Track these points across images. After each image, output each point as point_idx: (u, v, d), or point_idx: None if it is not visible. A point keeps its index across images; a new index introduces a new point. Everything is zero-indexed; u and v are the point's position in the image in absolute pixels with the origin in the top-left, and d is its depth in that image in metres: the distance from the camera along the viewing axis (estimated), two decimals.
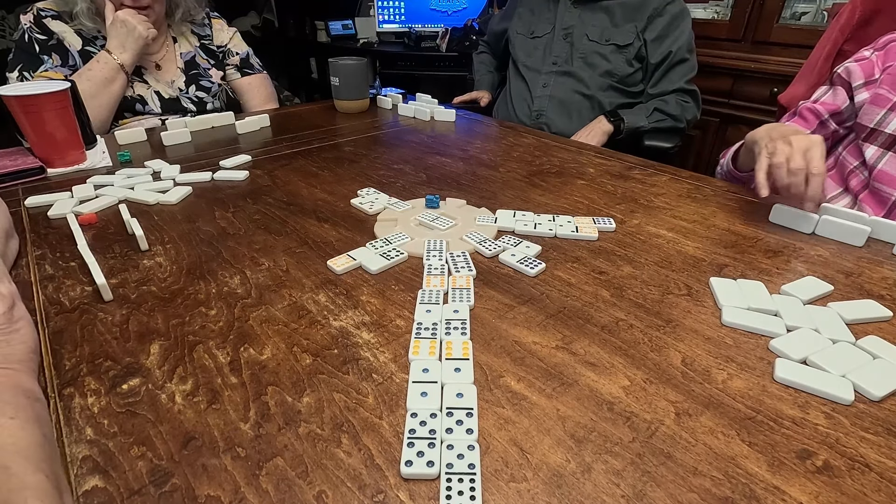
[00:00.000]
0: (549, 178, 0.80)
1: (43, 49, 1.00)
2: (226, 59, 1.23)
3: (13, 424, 0.28)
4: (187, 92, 1.15)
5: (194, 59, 1.17)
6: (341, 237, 0.60)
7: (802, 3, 1.66)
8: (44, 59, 1.00)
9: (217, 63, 1.21)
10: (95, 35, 1.05)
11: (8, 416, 0.29)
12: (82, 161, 0.82)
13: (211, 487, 0.30)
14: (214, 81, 1.19)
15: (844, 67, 0.82)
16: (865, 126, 0.76)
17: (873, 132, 0.75)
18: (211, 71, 1.19)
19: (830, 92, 0.85)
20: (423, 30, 2.74)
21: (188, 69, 1.16)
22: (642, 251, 0.58)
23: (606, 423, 0.35)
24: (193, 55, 1.17)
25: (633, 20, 1.28)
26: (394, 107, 1.23)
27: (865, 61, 0.80)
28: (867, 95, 0.77)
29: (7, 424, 0.28)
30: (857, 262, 0.56)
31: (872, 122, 0.75)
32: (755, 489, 0.30)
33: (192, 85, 1.16)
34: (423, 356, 0.40)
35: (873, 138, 0.75)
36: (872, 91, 0.76)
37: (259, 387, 0.37)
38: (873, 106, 0.75)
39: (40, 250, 0.56)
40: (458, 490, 0.29)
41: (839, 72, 0.83)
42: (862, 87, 0.79)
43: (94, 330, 0.43)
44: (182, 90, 1.14)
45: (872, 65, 0.78)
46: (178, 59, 1.15)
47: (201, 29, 1.20)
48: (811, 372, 0.39)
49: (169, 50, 1.14)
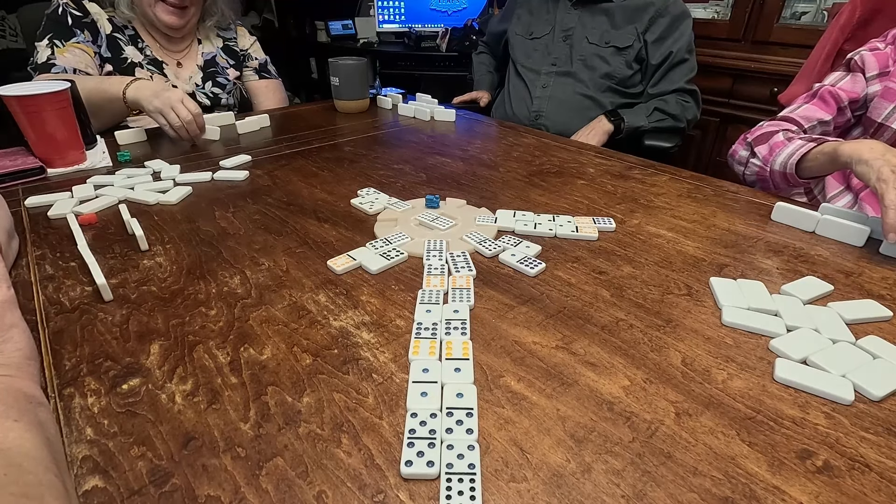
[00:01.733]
0: (549, 177, 0.80)
1: (76, 24, 1.01)
2: (245, 62, 1.26)
3: (18, 427, 0.28)
4: (203, 87, 1.17)
5: (214, 59, 1.19)
6: (341, 237, 0.60)
7: (802, 3, 1.66)
8: (76, 31, 1.01)
9: (236, 63, 1.23)
10: (125, 24, 1.07)
11: (12, 419, 0.29)
12: (82, 161, 0.82)
13: (211, 487, 0.30)
14: (230, 79, 1.22)
15: (860, 55, 0.78)
16: (874, 121, 0.75)
17: (880, 127, 0.74)
18: (228, 70, 1.22)
19: (849, 78, 0.80)
20: (423, 30, 2.74)
21: (206, 67, 1.18)
22: (642, 251, 0.58)
23: (606, 423, 0.35)
24: (214, 55, 1.19)
25: (633, 22, 1.27)
26: (394, 107, 1.23)
27: (880, 52, 0.77)
28: (879, 88, 0.75)
29: (12, 427, 0.28)
30: (857, 262, 0.56)
31: (881, 117, 0.74)
32: (755, 489, 0.30)
33: (208, 81, 1.18)
34: (423, 356, 0.40)
35: (879, 134, 0.75)
36: (884, 84, 0.75)
37: (259, 387, 0.37)
38: (883, 100, 0.74)
39: (40, 250, 0.56)
40: (458, 490, 0.29)
41: (855, 59, 0.79)
42: (875, 78, 0.76)
43: (94, 330, 0.43)
44: (199, 85, 1.16)
45: (887, 57, 0.76)
46: (199, 57, 1.17)
47: (226, 33, 1.23)
48: (811, 372, 0.39)
49: (192, 49, 1.17)
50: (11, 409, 0.29)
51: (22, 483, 0.25)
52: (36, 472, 0.26)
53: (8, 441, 0.27)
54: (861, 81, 0.78)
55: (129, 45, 1.07)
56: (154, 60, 1.10)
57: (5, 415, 0.29)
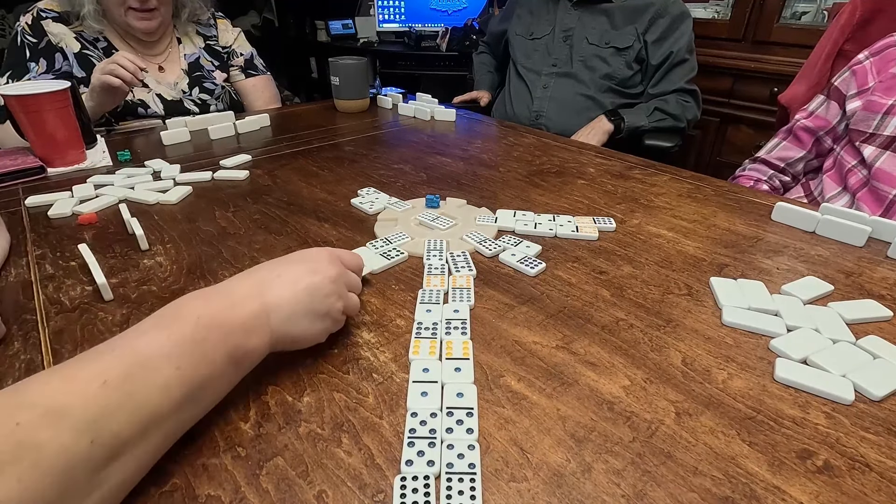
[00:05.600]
0: (549, 177, 0.80)
1: (32, 54, 0.99)
2: (230, 61, 1.23)
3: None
4: (190, 94, 1.14)
5: (198, 61, 1.16)
6: (341, 237, 0.60)
7: (802, 3, 1.66)
8: (30, 66, 0.99)
9: (221, 65, 1.20)
10: (96, 37, 1.04)
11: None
12: (82, 161, 0.82)
13: (211, 487, 0.30)
14: (218, 83, 1.19)
15: (842, 78, 0.83)
16: (863, 132, 0.77)
17: (871, 136, 0.76)
18: (215, 73, 1.18)
19: (825, 105, 0.86)
20: (423, 29, 2.75)
21: (192, 71, 1.15)
22: (642, 251, 0.58)
23: (606, 423, 0.35)
24: (198, 57, 1.16)
25: (633, 22, 1.28)
26: (394, 106, 1.23)
27: (860, 67, 0.80)
28: (859, 103, 0.78)
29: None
30: (857, 262, 0.56)
31: (871, 128, 0.75)
32: (755, 489, 0.30)
33: (195, 87, 1.15)
34: (424, 356, 0.40)
35: (871, 140, 0.76)
36: (865, 99, 0.77)
37: (259, 387, 0.37)
38: (867, 112, 0.76)
39: (40, 250, 0.56)
40: (459, 490, 0.29)
41: (836, 84, 0.84)
42: (855, 96, 0.79)
43: (94, 329, 0.43)
44: (185, 92, 1.14)
45: (866, 72, 0.79)
46: (181, 60, 1.14)
47: (206, 29, 1.19)
48: (811, 372, 0.39)
49: (173, 51, 1.14)
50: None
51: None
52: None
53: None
54: (834, 108, 0.83)
55: (103, 59, 1.03)
56: None
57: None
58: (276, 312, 0.35)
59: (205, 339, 0.31)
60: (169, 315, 0.32)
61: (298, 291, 0.36)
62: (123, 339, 0.30)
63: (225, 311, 0.33)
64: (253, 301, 0.35)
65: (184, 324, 0.31)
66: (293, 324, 0.36)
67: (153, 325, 0.31)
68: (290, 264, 0.38)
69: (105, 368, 0.27)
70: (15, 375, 0.38)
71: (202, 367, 0.30)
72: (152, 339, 0.29)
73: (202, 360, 0.30)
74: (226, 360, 0.32)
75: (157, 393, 0.28)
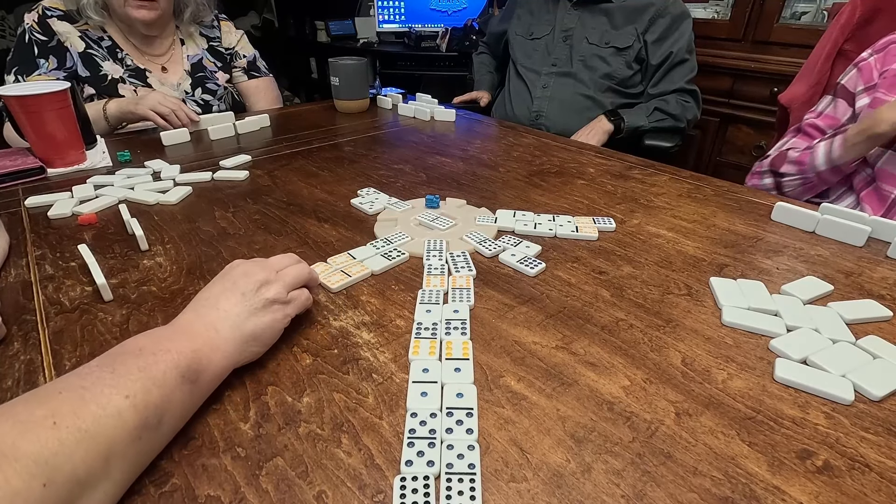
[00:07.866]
0: (549, 177, 0.80)
1: (41, 51, 0.99)
2: (233, 62, 1.23)
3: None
4: (193, 94, 1.15)
5: (201, 62, 1.16)
6: (341, 237, 0.60)
7: (802, 3, 1.66)
8: (39, 62, 0.99)
9: (224, 66, 1.21)
10: (101, 35, 1.04)
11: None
12: (82, 161, 0.82)
13: (211, 487, 0.30)
14: (220, 84, 1.19)
15: (848, 77, 0.83)
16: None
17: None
18: (217, 74, 1.19)
19: (832, 105, 0.85)
20: (423, 30, 2.74)
21: (194, 72, 1.15)
22: (642, 251, 0.58)
23: (606, 423, 0.35)
24: (201, 58, 1.16)
25: (633, 22, 1.27)
26: (394, 107, 1.23)
27: (864, 63, 0.80)
28: (867, 101, 0.78)
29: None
30: (857, 262, 0.56)
31: None
32: (755, 489, 0.30)
33: (198, 87, 1.15)
34: (423, 356, 0.40)
35: None
36: (872, 95, 0.77)
37: (259, 387, 0.37)
38: (871, 110, 0.76)
39: (40, 250, 0.56)
40: (458, 490, 0.29)
41: (843, 82, 0.83)
42: (863, 92, 0.79)
43: (94, 330, 0.43)
44: (188, 93, 1.14)
45: (871, 68, 0.79)
46: (184, 61, 1.14)
47: (210, 31, 1.19)
48: (811, 372, 0.39)
49: (176, 52, 1.14)
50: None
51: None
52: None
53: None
54: (843, 106, 0.83)
55: (107, 59, 1.04)
56: (136, 70, 1.07)
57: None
58: (223, 323, 0.36)
59: (151, 365, 0.31)
60: (112, 353, 0.32)
61: (233, 298, 0.38)
62: (67, 381, 0.29)
63: (169, 338, 0.34)
64: (195, 322, 0.36)
65: (127, 356, 0.31)
66: (242, 324, 0.37)
67: (97, 364, 0.31)
68: (215, 285, 0.40)
69: (53, 409, 0.26)
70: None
71: (153, 391, 0.30)
72: (97, 376, 0.29)
73: (152, 385, 0.30)
74: (179, 381, 0.31)
75: (112, 423, 0.27)
